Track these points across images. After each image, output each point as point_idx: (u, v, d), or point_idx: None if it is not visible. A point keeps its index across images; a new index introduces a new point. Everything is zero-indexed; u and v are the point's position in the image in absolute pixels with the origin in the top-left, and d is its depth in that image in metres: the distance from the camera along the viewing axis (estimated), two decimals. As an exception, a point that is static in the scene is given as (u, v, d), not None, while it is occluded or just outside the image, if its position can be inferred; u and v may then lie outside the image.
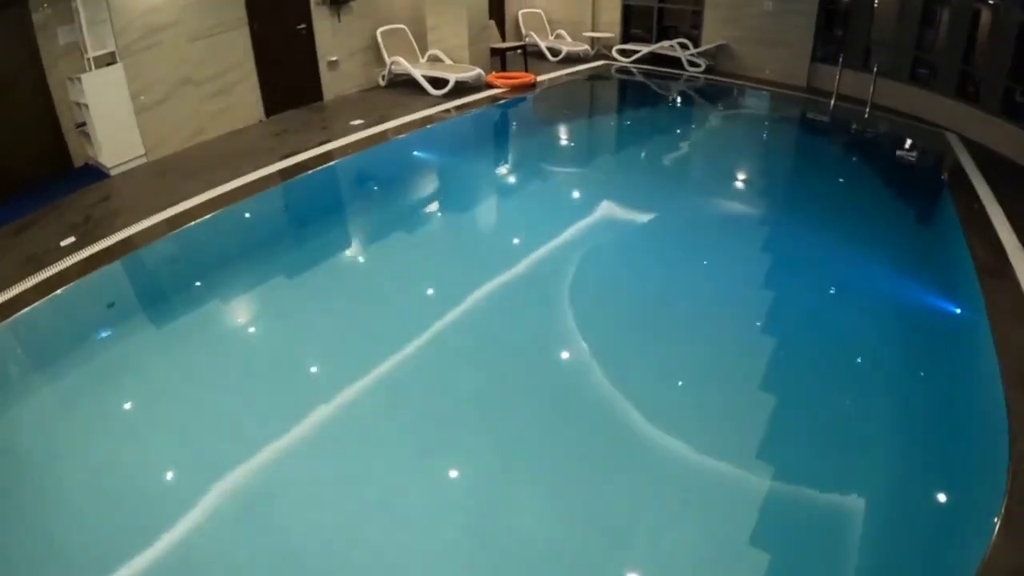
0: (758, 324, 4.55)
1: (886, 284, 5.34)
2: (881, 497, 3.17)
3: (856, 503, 3.14)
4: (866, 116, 10.64)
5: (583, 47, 12.54)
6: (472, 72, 9.15)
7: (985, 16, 10.84)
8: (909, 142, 10.03)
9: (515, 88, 9.63)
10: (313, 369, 4.04)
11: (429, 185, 7.17)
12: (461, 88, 9.23)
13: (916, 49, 11.82)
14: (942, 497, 3.24)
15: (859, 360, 4.24)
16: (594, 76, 11.84)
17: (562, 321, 4.44)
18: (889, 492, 3.22)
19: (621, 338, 4.34)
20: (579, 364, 4.10)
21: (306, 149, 6.82)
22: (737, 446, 3.36)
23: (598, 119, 10.17)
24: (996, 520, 2.82)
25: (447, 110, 8.49)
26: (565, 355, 4.19)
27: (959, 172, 7.92)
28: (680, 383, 3.94)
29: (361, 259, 5.58)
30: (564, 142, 8.97)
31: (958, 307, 4.91)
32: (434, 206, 6.65)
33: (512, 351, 4.18)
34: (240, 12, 7.45)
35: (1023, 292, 4.66)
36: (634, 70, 12.44)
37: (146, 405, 3.67)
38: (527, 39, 12.26)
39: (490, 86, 9.53)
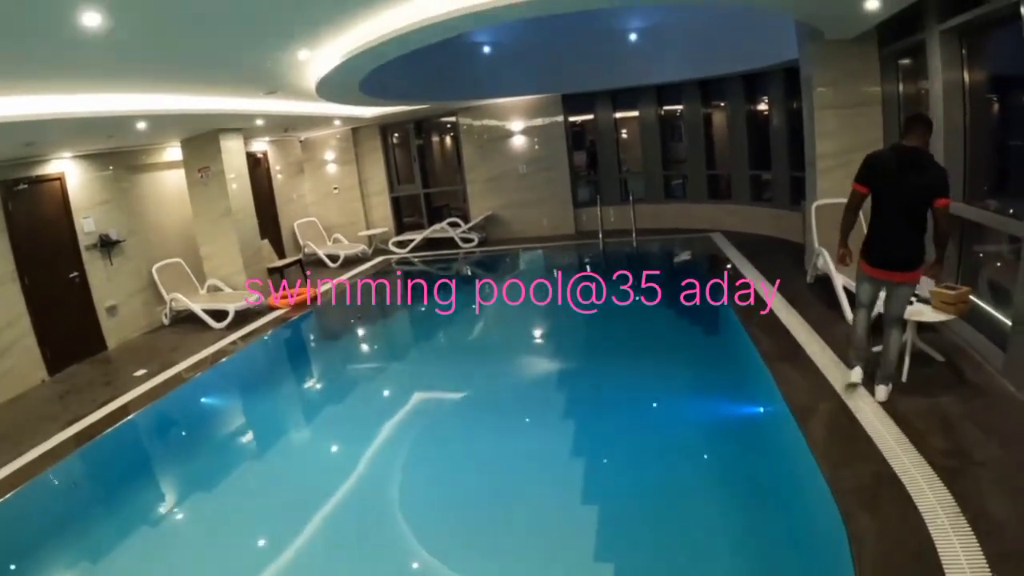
0: (578, 481, 4.80)
1: (689, 399, 6.01)
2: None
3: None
4: (634, 244, 12.12)
5: (360, 247, 13.17)
6: (251, 298, 9.22)
7: (718, 119, 12.91)
8: (680, 254, 11.71)
9: (297, 305, 9.81)
10: None
11: (226, 427, 6.90)
12: (246, 315, 9.27)
13: (665, 170, 13.82)
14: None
15: (680, 481, 4.66)
16: (377, 273, 12.32)
17: (396, 531, 4.43)
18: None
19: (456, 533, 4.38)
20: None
21: (89, 413, 6.46)
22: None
23: (387, 316, 10.40)
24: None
25: (233, 342, 8.40)
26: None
27: (724, 263, 9.54)
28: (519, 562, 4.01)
29: (172, 524, 5.06)
30: (358, 347, 9.18)
31: (757, 402, 5.71)
32: (236, 447, 6.35)
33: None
34: (9, 266, 7.22)
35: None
36: (413, 259, 13.16)
37: None
38: (305, 249, 12.71)
39: (272, 308, 9.67)
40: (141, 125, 7.46)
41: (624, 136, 14.64)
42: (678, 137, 14.03)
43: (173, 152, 10.22)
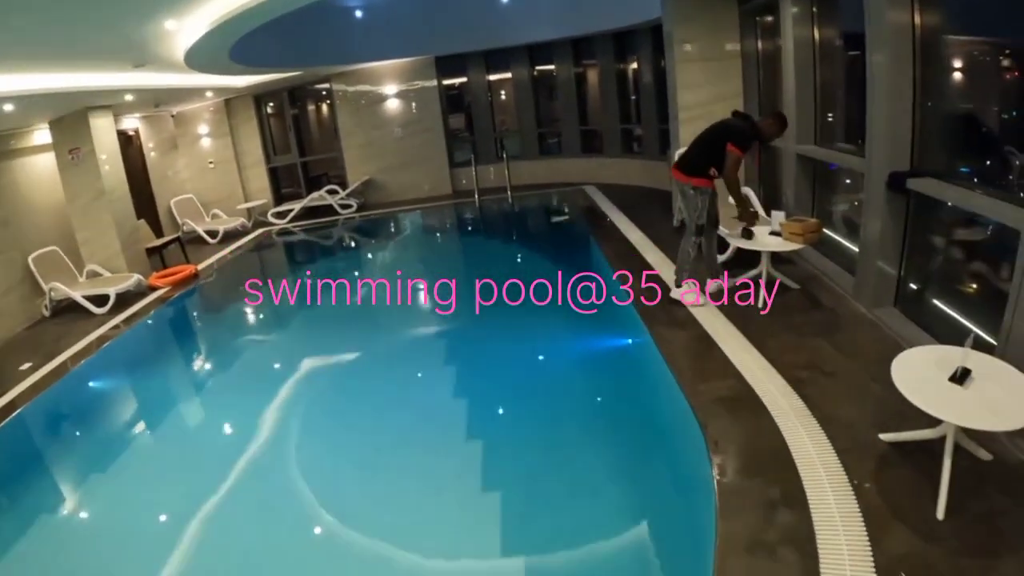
0: (461, 422, 5.35)
1: (563, 337, 6.71)
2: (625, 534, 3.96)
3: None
4: (509, 199, 12.80)
5: (239, 221, 13.21)
6: (130, 280, 9.27)
7: (591, 76, 13.67)
8: (554, 204, 12.52)
9: (178, 284, 9.90)
10: None
11: (118, 411, 7.00)
12: (128, 298, 9.29)
13: (540, 127, 14.51)
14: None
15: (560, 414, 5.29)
16: (257, 246, 12.48)
17: (293, 487, 4.74)
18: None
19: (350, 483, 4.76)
20: (319, 520, 4.37)
21: None
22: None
23: (271, 286, 10.46)
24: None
25: (116, 326, 8.45)
26: (303, 519, 4.39)
27: (597, 212, 10.38)
28: (413, 503, 4.40)
29: (70, 511, 5.17)
30: (243, 320, 9.37)
31: (624, 333, 6.41)
32: (129, 431, 6.45)
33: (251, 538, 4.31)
34: None
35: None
36: (293, 229, 13.34)
37: None
38: (184, 227, 12.65)
39: (153, 288, 9.70)
40: (8, 107, 7.30)
41: (502, 97, 15.19)
42: (552, 96, 14.70)
43: (42, 135, 9.96)
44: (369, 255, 12.10)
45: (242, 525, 4.47)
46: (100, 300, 9.18)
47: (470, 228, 12.86)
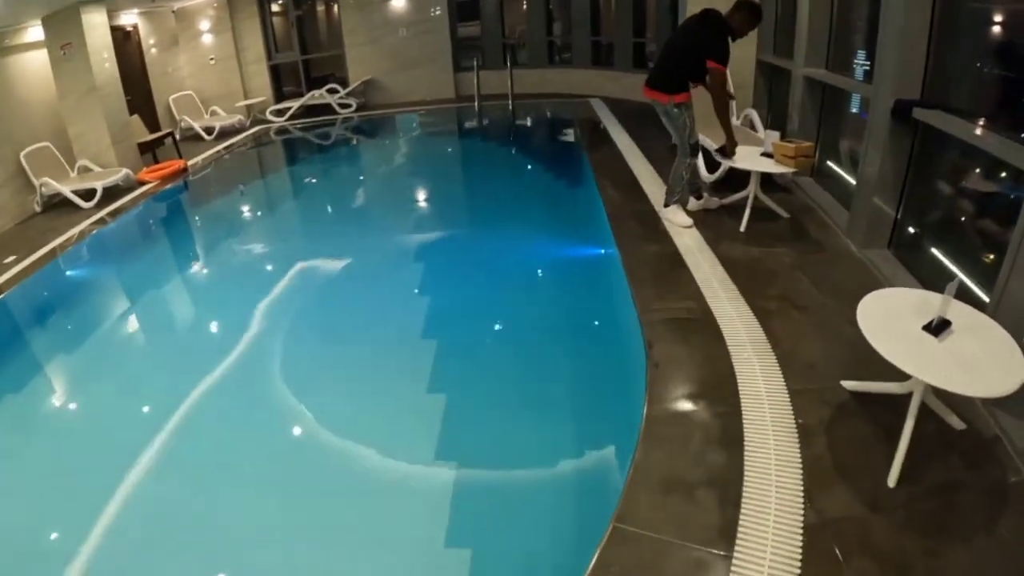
0: (422, 319, 5.35)
1: (535, 241, 6.66)
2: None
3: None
4: (510, 106, 12.38)
5: (237, 118, 12.83)
6: (119, 174, 9.12)
7: None
8: (556, 114, 12.11)
9: (166, 178, 9.73)
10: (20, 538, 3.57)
11: (96, 301, 6.93)
12: (116, 193, 9.17)
13: (549, 35, 13.98)
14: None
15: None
16: (254, 144, 12.16)
17: (269, 383, 4.66)
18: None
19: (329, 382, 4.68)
20: (301, 421, 4.29)
21: None
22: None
23: (264, 184, 10.51)
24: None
25: (101, 219, 8.41)
26: (286, 414, 4.33)
27: (598, 125, 10.00)
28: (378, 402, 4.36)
29: (49, 398, 5.14)
30: (232, 215, 9.20)
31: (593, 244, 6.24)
32: (107, 319, 6.41)
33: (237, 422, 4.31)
34: None
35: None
36: (291, 128, 12.95)
37: None
38: (181, 123, 12.31)
39: (143, 183, 9.56)
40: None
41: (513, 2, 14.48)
42: (565, 4, 13.96)
43: (35, 32, 9.60)
44: (364, 156, 11.85)
45: (216, 419, 4.44)
46: (88, 194, 9.07)
47: (467, 132, 12.50)
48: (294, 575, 3.14)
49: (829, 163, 6.33)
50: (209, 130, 12.47)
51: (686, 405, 3.49)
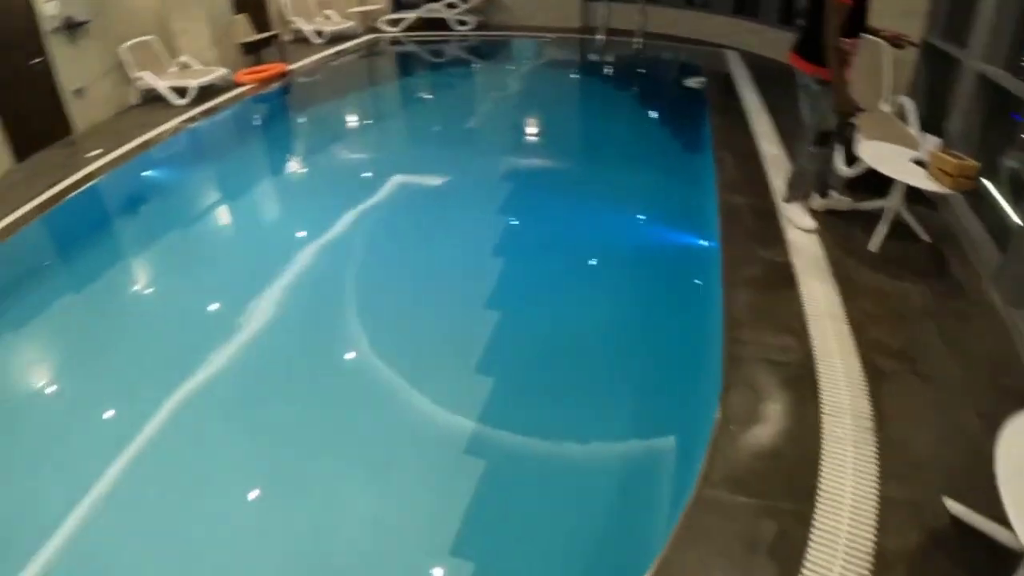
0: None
1: (631, 213, 5.87)
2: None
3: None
4: (637, 46, 11.13)
5: (349, 24, 12.21)
6: (215, 73, 8.82)
7: None
8: (683, 61, 10.74)
9: (264, 81, 9.34)
10: (106, 399, 3.83)
11: (172, 199, 6.82)
12: (212, 92, 8.90)
13: None
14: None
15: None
16: (362, 53, 11.58)
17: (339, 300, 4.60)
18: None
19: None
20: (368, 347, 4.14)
21: (45, 191, 6.38)
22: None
23: (365, 96, 10.04)
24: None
25: (192, 117, 8.19)
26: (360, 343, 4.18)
27: (728, 82, 8.70)
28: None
29: (137, 290, 5.24)
30: (328, 124, 8.90)
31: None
32: (184, 220, 6.31)
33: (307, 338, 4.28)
34: None
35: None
36: (404, 40, 12.28)
37: None
38: (292, 25, 11.87)
39: (239, 84, 9.22)
40: None
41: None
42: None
43: None
44: (473, 79, 11.02)
45: (282, 329, 4.44)
46: (183, 92, 8.82)
47: (585, 69, 11.40)
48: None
49: (987, 182, 4.89)
50: (320, 34, 11.93)
51: (747, 491, 2.68)
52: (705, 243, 5.11)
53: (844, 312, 3.80)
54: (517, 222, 5.79)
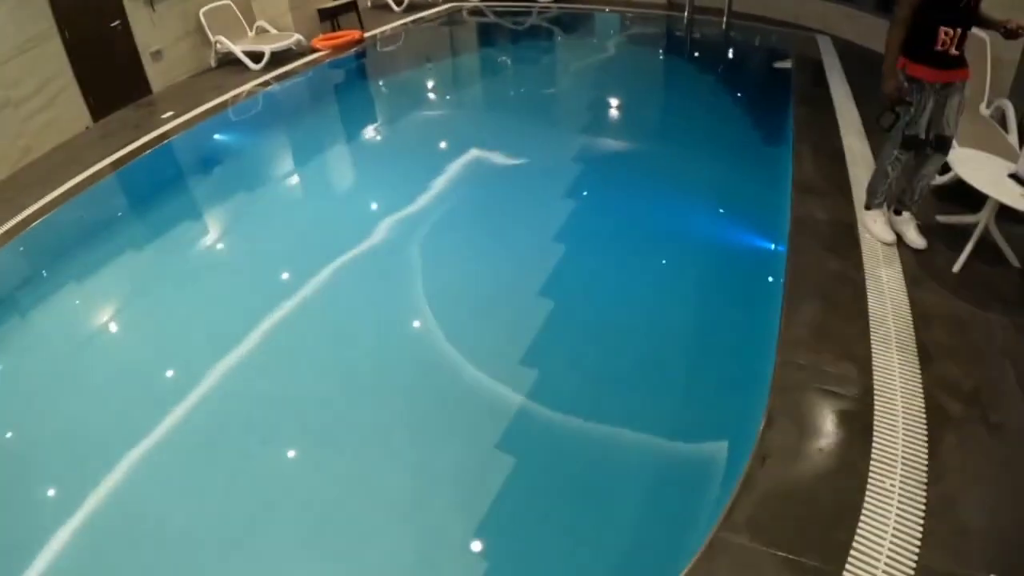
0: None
1: (695, 209, 5.49)
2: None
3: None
4: (723, 25, 10.48)
5: None
6: (290, 39, 8.80)
7: None
8: (772, 46, 10.09)
9: (339, 48, 9.27)
10: (162, 359, 3.93)
11: (238, 164, 6.86)
12: (288, 58, 8.90)
13: None
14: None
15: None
16: (442, 20, 11.38)
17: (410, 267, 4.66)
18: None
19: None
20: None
21: (119, 149, 6.60)
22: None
23: (441, 65, 9.84)
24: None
25: (266, 82, 8.25)
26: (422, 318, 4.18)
27: (817, 72, 8.03)
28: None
29: (208, 248, 5.38)
30: (401, 92, 8.81)
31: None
32: (252, 184, 6.36)
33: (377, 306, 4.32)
34: (48, 23, 6.94)
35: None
36: (484, 9, 11.98)
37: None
38: None
39: (315, 50, 9.17)
40: None
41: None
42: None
43: None
44: (553, 52, 10.65)
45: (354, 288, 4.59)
46: (257, 56, 8.83)
47: (667, 48, 10.81)
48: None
49: None
50: (399, 1, 11.73)
51: (771, 539, 2.40)
52: (772, 247, 4.72)
53: (915, 340, 3.40)
54: (574, 203, 5.58)
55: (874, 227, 4.39)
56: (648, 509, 2.88)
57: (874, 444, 2.78)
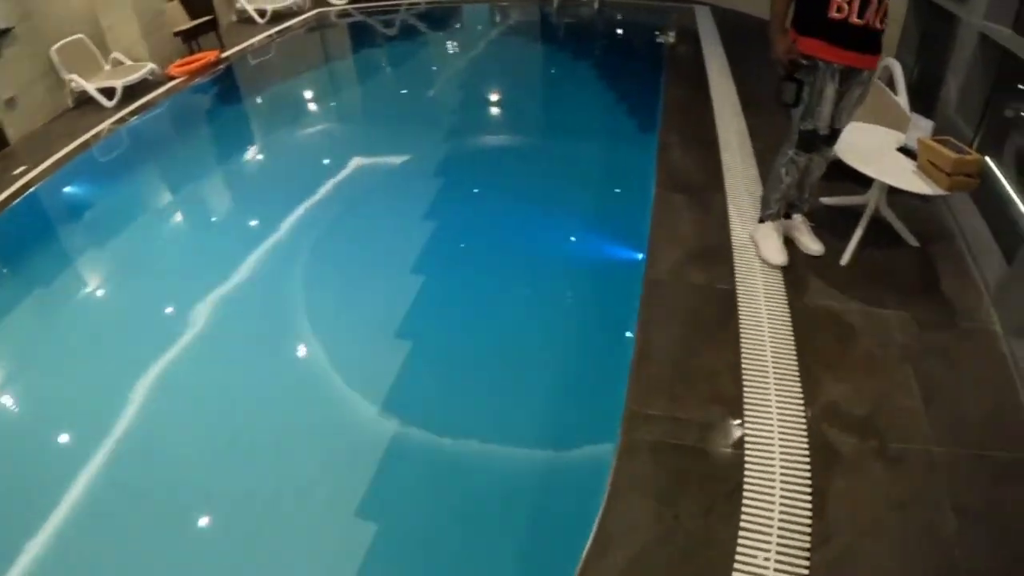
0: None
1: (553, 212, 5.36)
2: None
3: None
4: (595, 5, 10.72)
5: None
6: (143, 70, 8.40)
7: None
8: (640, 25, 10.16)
9: (196, 72, 8.84)
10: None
11: (97, 212, 6.52)
12: (142, 89, 8.46)
13: None
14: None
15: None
16: (310, 28, 11.03)
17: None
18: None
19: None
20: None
21: None
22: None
23: (305, 75, 9.59)
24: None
25: (122, 119, 7.84)
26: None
27: (693, 49, 7.87)
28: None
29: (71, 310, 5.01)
30: (261, 114, 8.53)
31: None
32: (109, 235, 5.97)
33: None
34: None
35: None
36: (352, 11, 11.66)
37: None
38: (237, 5, 11.22)
39: (171, 78, 8.71)
40: None
41: None
42: None
43: None
44: (428, 48, 10.66)
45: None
46: (110, 93, 8.39)
47: (533, 37, 10.86)
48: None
49: (993, 169, 4.07)
50: (262, 13, 11.28)
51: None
52: (636, 257, 4.28)
53: (797, 365, 3.04)
54: (427, 219, 5.45)
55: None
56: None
57: (743, 510, 2.46)
